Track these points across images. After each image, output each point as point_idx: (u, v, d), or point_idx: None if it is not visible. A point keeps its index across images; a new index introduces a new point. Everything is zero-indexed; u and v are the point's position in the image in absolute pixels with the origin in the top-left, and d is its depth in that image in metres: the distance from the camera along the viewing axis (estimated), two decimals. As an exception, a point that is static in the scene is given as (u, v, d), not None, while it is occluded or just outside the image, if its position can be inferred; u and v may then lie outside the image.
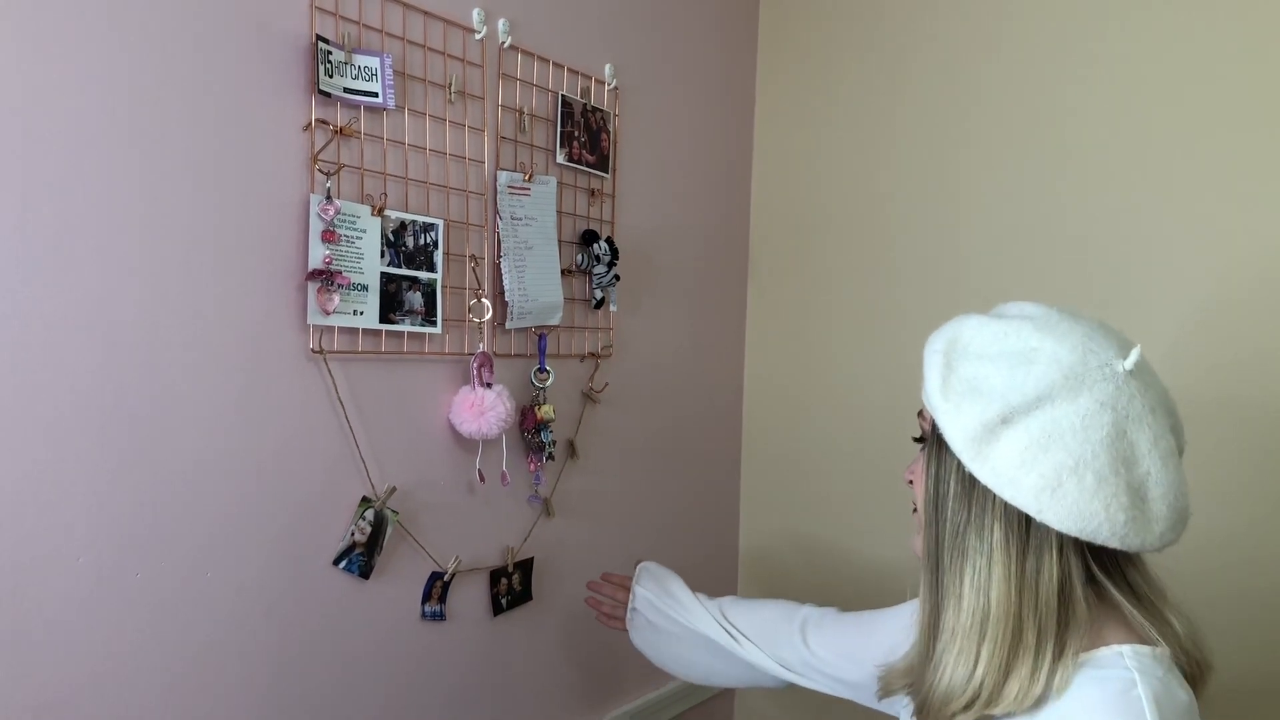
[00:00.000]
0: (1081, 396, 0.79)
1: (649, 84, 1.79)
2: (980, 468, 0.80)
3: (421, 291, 1.36)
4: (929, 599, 0.88)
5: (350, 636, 1.33)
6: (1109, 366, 0.80)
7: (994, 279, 1.74)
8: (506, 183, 1.48)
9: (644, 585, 1.45)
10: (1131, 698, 0.77)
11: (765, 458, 2.12)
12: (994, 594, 0.81)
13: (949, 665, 0.83)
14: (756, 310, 2.12)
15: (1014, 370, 0.81)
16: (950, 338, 0.87)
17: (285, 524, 1.24)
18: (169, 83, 1.09)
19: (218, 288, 1.14)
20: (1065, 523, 0.78)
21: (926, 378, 0.87)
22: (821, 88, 2.00)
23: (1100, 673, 0.80)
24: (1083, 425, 0.78)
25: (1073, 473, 0.77)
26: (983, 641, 0.82)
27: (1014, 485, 0.79)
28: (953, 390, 0.83)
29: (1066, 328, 0.83)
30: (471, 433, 1.40)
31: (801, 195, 2.04)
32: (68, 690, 1.04)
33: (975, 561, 0.83)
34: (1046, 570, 0.81)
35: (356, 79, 1.27)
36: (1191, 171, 1.53)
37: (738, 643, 1.33)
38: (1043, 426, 0.78)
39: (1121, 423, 0.78)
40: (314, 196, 1.22)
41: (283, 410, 1.22)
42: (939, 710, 0.84)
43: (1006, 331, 0.84)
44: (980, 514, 0.83)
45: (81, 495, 1.04)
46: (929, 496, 0.88)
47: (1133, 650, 0.81)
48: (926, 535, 0.89)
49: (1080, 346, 0.81)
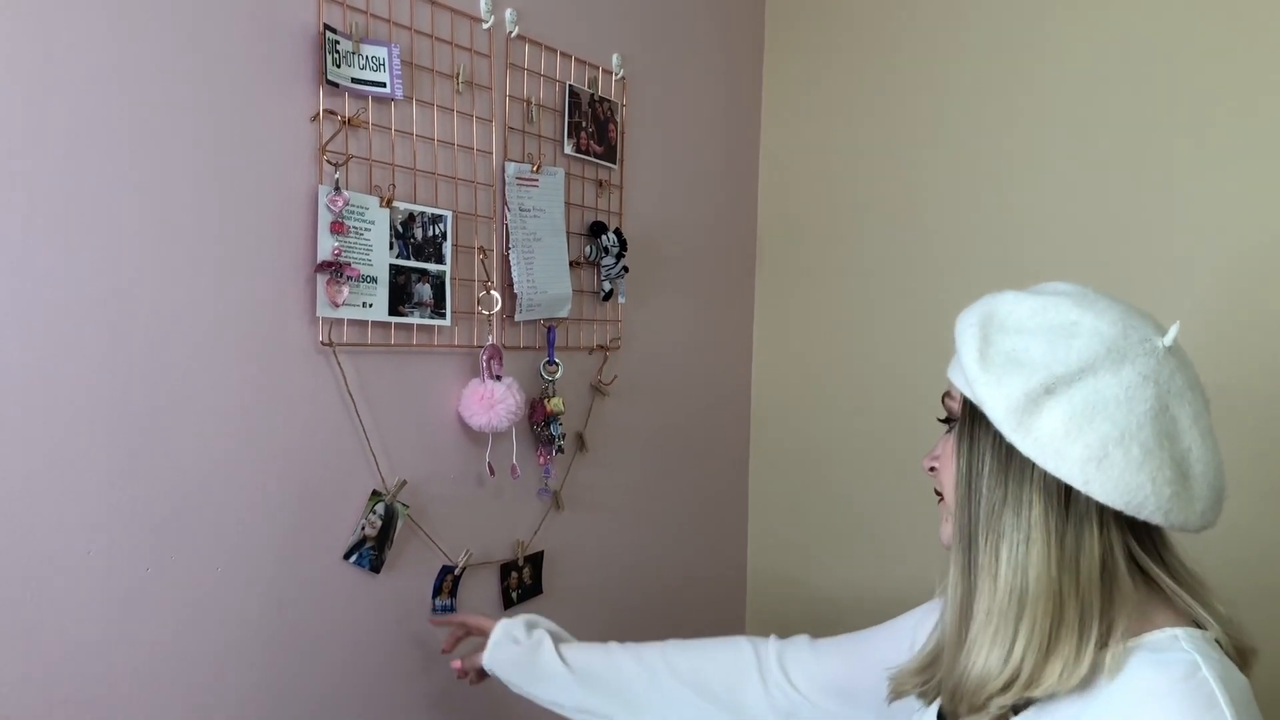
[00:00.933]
0: (1125, 368, 0.77)
1: (656, 74, 1.78)
2: (1023, 439, 0.78)
3: (430, 283, 1.35)
4: (961, 582, 0.85)
5: (361, 631, 1.32)
6: (1149, 341, 0.79)
7: (1005, 270, 1.73)
8: (515, 174, 1.47)
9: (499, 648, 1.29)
10: (1199, 680, 0.74)
11: (773, 450, 2.11)
12: (1033, 572, 0.79)
13: (985, 647, 0.80)
14: (764, 302, 2.11)
15: (1055, 342, 0.79)
16: (985, 312, 0.85)
17: (296, 518, 1.23)
18: (174, 73, 1.08)
19: (226, 280, 1.13)
20: (1111, 495, 0.76)
21: (961, 352, 0.84)
22: (829, 77, 1.99)
23: (1158, 655, 0.77)
24: (1127, 397, 0.76)
25: (1119, 443, 0.75)
26: (1020, 620, 0.79)
27: (1059, 456, 0.76)
28: (992, 362, 0.81)
29: (1105, 304, 0.82)
30: (481, 425, 1.39)
31: (809, 186, 2.03)
32: (79, 685, 1.03)
33: (1012, 538, 0.80)
34: (1088, 545, 0.79)
35: (364, 69, 1.25)
36: (1206, 158, 1.52)
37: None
38: (1086, 397, 0.76)
39: (1164, 397, 0.77)
40: (322, 188, 1.21)
41: (292, 403, 1.21)
42: (973, 695, 0.81)
43: (1045, 305, 0.82)
44: (1018, 489, 0.80)
45: (91, 489, 1.03)
46: (960, 476, 0.85)
47: (1186, 633, 0.79)
48: (959, 517, 0.85)
49: (1120, 321, 0.79)
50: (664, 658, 1.23)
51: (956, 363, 0.87)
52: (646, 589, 1.85)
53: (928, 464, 0.96)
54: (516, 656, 1.26)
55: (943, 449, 0.93)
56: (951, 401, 0.91)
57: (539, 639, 1.26)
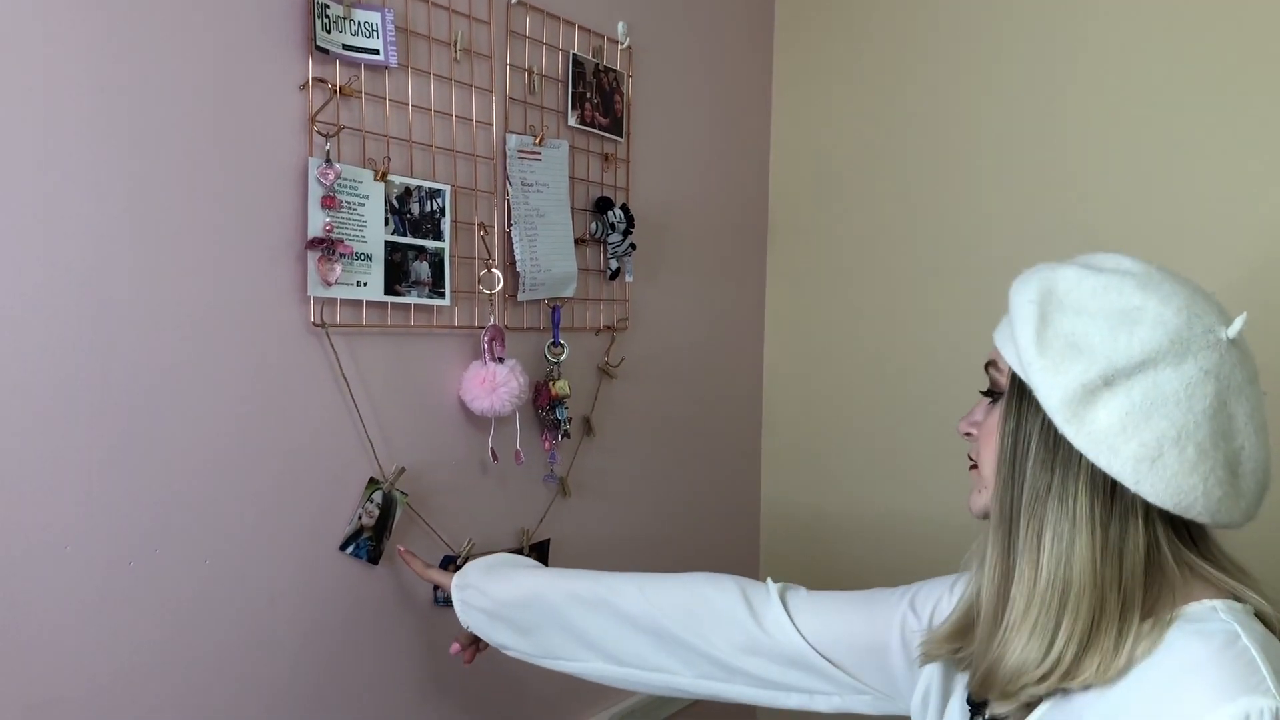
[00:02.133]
0: (1186, 363, 0.74)
1: (664, 43, 1.71)
2: (1076, 431, 0.75)
3: (428, 261, 1.29)
4: (1000, 563, 0.83)
5: (359, 624, 1.27)
6: (1213, 333, 0.76)
7: (1025, 242, 1.67)
8: (516, 146, 1.41)
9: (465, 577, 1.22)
10: (1239, 648, 0.72)
11: (788, 433, 2.05)
12: (1077, 564, 0.77)
13: (1024, 636, 0.79)
14: (777, 279, 2.05)
15: (1116, 329, 0.76)
16: (1045, 288, 0.80)
17: (288, 508, 1.17)
18: (154, 38, 1.01)
19: (211, 257, 1.07)
20: (1161, 496, 0.74)
21: (1017, 330, 0.81)
22: (842, 48, 1.92)
23: (1197, 626, 0.75)
24: (1187, 394, 0.73)
25: (1175, 443, 0.73)
26: (1063, 613, 0.77)
27: (1112, 452, 0.74)
28: (1049, 346, 0.77)
29: (1170, 288, 0.78)
30: (483, 410, 1.33)
31: (823, 161, 1.96)
32: (61, 687, 0.98)
33: (1058, 528, 0.78)
34: (1132, 539, 0.77)
35: (356, 35, 1.19)
36: (1220, 141, 1.46)
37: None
38: (1145, 392, 0.74)
39: (1224, 393, 0.75)
40: (312, 160, 1.15)
41: (283, 387, 1.15)
42: (1007, 683, 0.80)
43: (1108, 285, 0.78)
44: (1064, 477, 0.78)
45: (70, 481, 0.97)
46: (1005, 454, 0.83)
47: (1225, 605, 0.77)
48: (1001, 495, 0.83)
49: (1185, 309, 0.76)
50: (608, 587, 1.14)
51: (1008, 334, 0.83)
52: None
53: (965, 428, 0.93)
54: (480, 626, 1.20)
55: (983, 416, 0.90)
56: (998, 374, 0.88)
57: (474, 601, 1.19)
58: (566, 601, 1.13)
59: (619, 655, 1.13)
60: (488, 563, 1.23)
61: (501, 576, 1.19)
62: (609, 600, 1.12)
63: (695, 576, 1.15)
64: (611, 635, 1.12)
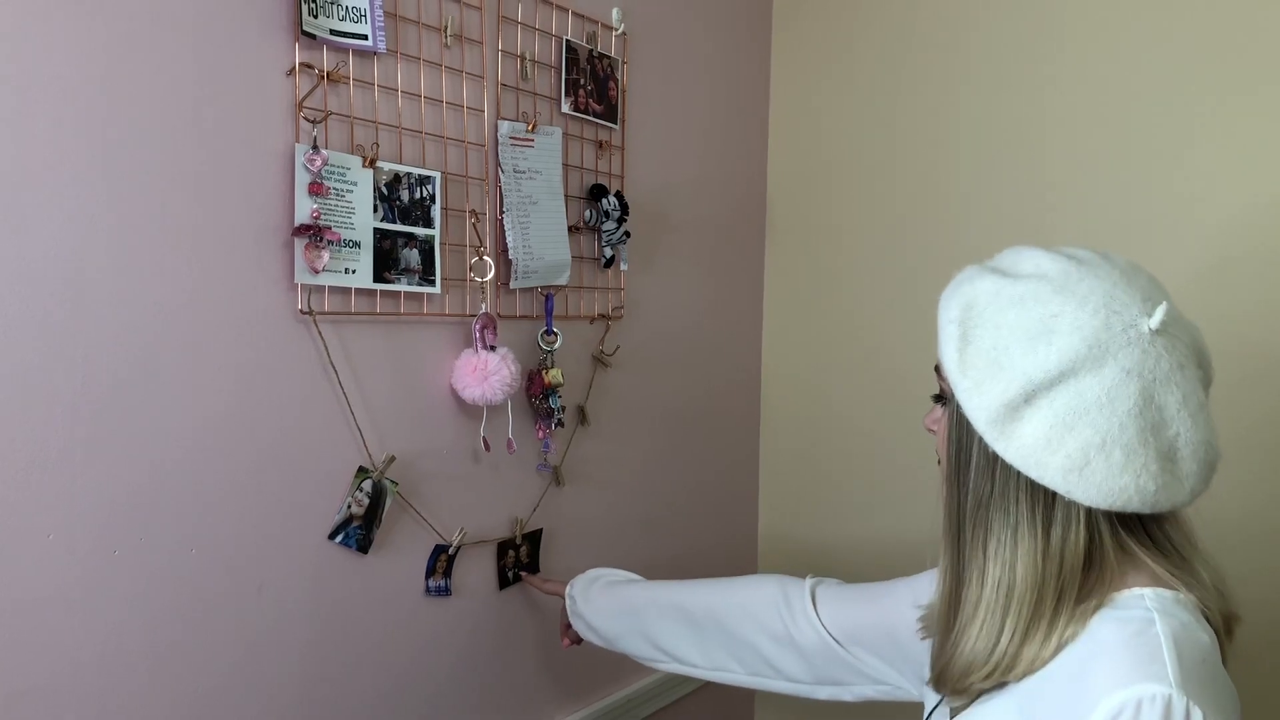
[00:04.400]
0: (1106, 366, 0.76)
1: (659, 29, 1.70)
2: (1005, 447, 0.78)
3: (418, 249, 1.28)
4: (951, 569, 0.87)
5: (349, 614, 1.26)
6: (1134, 328, 0.77)
7: (1022, 231, 1.65)
8: (508, 133, 1.40)
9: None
10: (1149, 635, 0.75)
11: (786, 422, 2.04)
12: (1020, 568, 0.81)
13: (972, 638, 0.83)
14: (775, 268, 2.03)
15: (1035, 342, 0.78)
16: (966, 303, 0.83)
17: (276, 496, 1.17)
18: (139, 25, 1.00)
19: (196, 244, 1.07)
20: (1094, 499, 0.77)
21: (942, 346, 0.84)
22: (841, 33, 1.90)
23: (1119, 613, 0.79)
24: (1109, 398, 0.75)
25: (1100, 450, 0.75)
26: (1007, 614, 0.81)
27: (1040, 466, 0.77)
28: (971, 365, 0.80)
29: (1087, 286, 0.79)
30: (475, 398, 1.32)
31: (821, 149, 1.94)
32: (42, 676, 0.98)
33: (1000, 535, 0.82)
34: (1073, 540, 0.80)
35: (344, 20, 1.18)
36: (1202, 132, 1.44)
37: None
38: (1067, 403, 0.76)
39: (1149, 388, 0.76)
40: (299, 146, 1.14)
41: (270, 374, 1.14)
42: (958, 680, 0.84)
43: (1024, 295, 0.80)
44: (1004, 488, 0.81)
45: (51, 467, 0.97)
46: (949, 462, 0.87)
47: (1154, 593, 0.80)
48: (948, 502, 0.87)
49: (1103, 308, 0.77)
50: (679, 596, 1.29)
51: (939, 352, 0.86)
52: (652, 567, 1.79)
53: (929, 424, 0.96)
54: (586, 631, 1.36)
55: (939, 417, 0.93)
56: (942, 380, 0.90)
57: (580, 611, 1.36)
58: (647, 612, 1.30)
59: (688, 659, 1.28)
60: (591, 576, 1.39)
61: (599, 592, 1.36)
62: (681, 607, 1.27)
63: (748, 580, 1.29)
64: (683, 643, 1.27)
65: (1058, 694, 0.78)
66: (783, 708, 2.07)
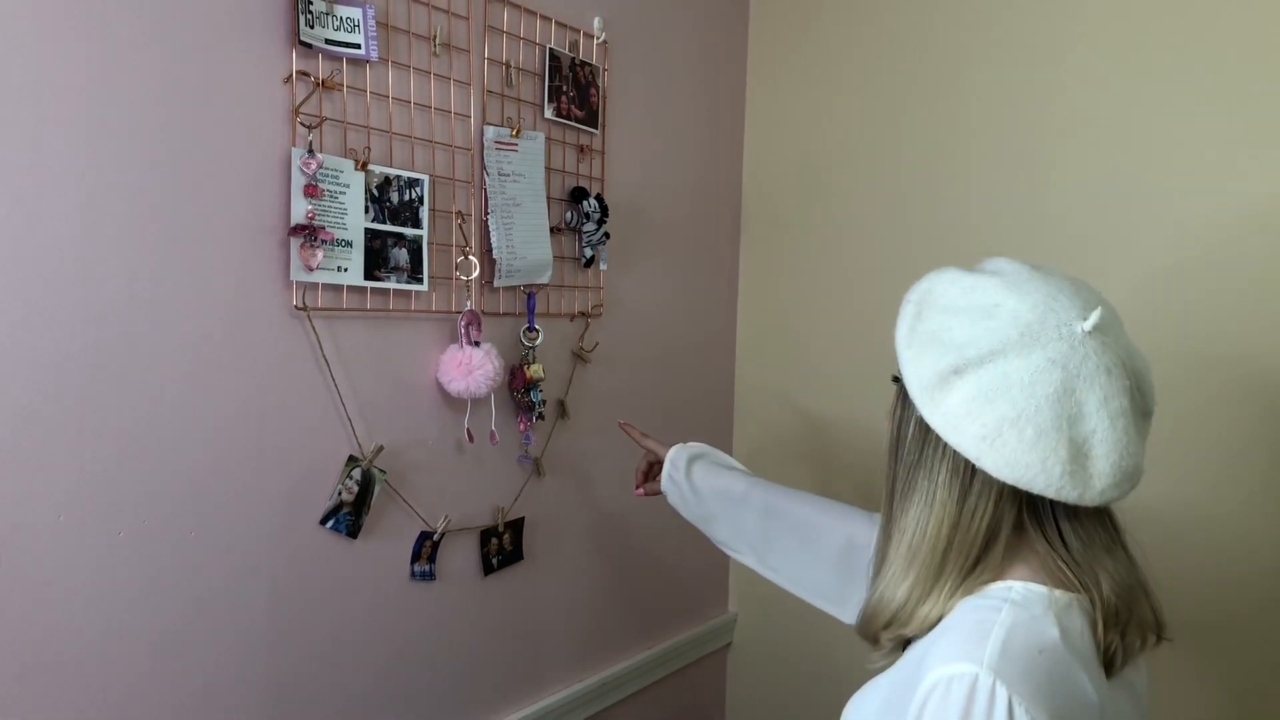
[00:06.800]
0: (1034, 353, 0.81)
1: (638, 38, 1.76)
2: (932, 413, 0.85)
3: (407, 248, 1.34)
4: (883, 528, 0.95)
5: (339, 596, 1.32)
6: (1067, 326, 0.82)
7: (990, 237, 1.72)
8: (494, 138, 1.46)
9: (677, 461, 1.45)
10: (987, 621, 0.80)
11: (759, 417, 2.10)
12: (930, 529, 0.87)
13: (883, 587, 0.90)
14: (749, 268, 2.10)
15: (975, 324, 0.85)
16: (925, 289, 0.92)
17: (271, 483, 1.23)
18: (142, 32, 1.06)
19: (197, 243, 1.12)
20: (1001, 470, 0.81)
21: (897, 325, 0.92)
22: (815, 41, 1.97)
23: (979, 601, 0.84)
24: (1030, 381, 0.81)
25: (1013, 425, 0.80)
26: (909, 569, 0.88)
27: (958, 432, 0.83)
28: (916, 339, 0.88)
29: (1033, 286, 0.85)
30: (459, 391, 1.39)
31: (795, 152, 2.01)
32: (51, 653, 1.04)
33: (922, 498, 0.88)
34: (981, 511, 0.85)
35: (338, 30, 1.24)
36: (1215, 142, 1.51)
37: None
38: (993, 379, 0.82)
39: (1071, 381, 0.81)
40: (295, 150, 1.20)
41: (266, 367, 1.21)
42: (866, 626, 0.92)
43: (975, 286, 0.87)
44: (931, 456, 0.88)
45: (60, 453, 1.03)
46: (892, 435, 0.94)
47: (1024, 586, 0.84)
48: (888, 469, 0.95)
49: (1042, 305, 0.83)
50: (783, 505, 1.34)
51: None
52: (630, 556, 1.86)
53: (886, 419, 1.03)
54: (678, 498, 1.43)
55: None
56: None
57: (693, 485, 1.40)
58: (745, 506, 1.35)
59: (767, 560, 1.35)
60: (696, 450, 1.45)
61: (703, 469, 1.41)
62: (779, 510, 1.33)
63: (846, 510, 1.35)
64: (774, 547, 1.33)
65: (908, 672, 0.84)
66: (755, 684, 2.14)
